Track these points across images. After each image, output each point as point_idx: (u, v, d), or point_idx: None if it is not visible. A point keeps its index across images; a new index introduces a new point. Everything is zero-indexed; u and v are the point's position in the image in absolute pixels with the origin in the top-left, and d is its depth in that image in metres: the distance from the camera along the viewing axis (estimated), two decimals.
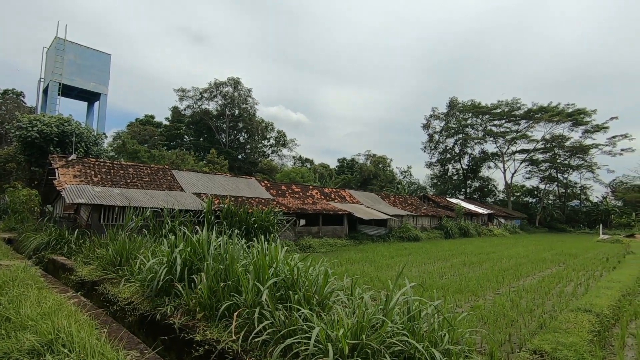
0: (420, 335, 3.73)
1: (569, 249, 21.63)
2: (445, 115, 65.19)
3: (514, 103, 57.18)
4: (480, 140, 63.24)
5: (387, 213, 26.93)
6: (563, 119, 54.25)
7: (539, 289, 9.53)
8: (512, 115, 58.03)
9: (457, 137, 64.27)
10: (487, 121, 61.73)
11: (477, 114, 61.49)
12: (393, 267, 12.96)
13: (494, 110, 58.96)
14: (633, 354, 5.33)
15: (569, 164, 58.61)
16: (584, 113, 53.39)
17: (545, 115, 54.61)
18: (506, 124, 59.97)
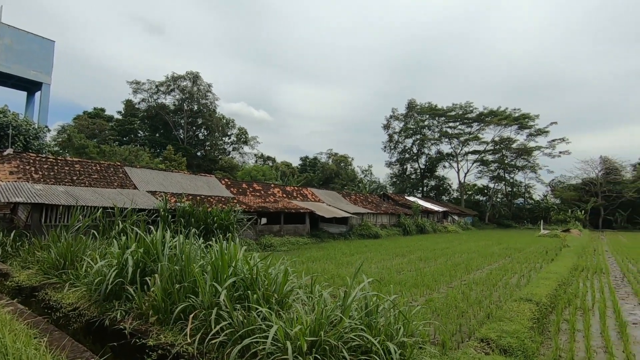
0: (378, 330, 3.85)
1: (514, 244, 23.30)
2: (404, 116, 67.47)
3: (467, 106, 60.59)
4: (437, 141, 66.33)
5: (348, 211, 27.38)
6: (510, 123, 58.48)
7: (487, 281, 10.17)
8: (465, 118, 61.44)
9: (415, 137, 66.79)
10: (443, 123, 64.80)
11: (434, 115, 64.36)
12: (353, 264, 13.20)
13: (449, 112, 62.09)
14: (566, 337, 5.86)
15: (515, 164, 63.21)
16: (528, 118, 57.79)
17: (494, 119, 58.47)
18: (460, 126, 63.38)
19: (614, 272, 13.06)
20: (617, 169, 62.19)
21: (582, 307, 7.60)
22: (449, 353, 4.65)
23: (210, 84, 56.12)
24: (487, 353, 4.62)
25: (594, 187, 61.00)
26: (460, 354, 4.42)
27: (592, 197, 60.11)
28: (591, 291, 9.33)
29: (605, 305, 7.84)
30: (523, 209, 66.53)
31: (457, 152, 65.06)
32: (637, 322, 6.91)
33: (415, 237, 29.03)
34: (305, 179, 58.87)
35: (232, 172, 51.06)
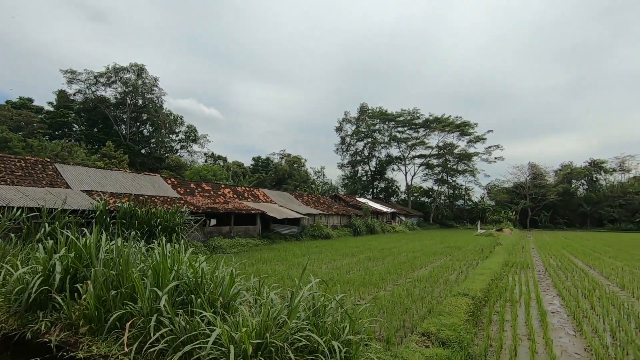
0: (325, 329, 3.90)
1: (455, 243, 24.91)
2: (356, 119, 69.26)
3: (415, 113, 63.86)
4: (386, 145, 69.00)
5: (300, 212, 27.43)
6: (453, 130, 62.66)
7: (430, 278, 10.75)
8: (413, 124, 64.73)
9: (366, 140, 68.83)
10: (393, 127, 67.63)
11: (384, 120, 66.90)
12: (304, 264, 13.24)
13: (398, 118, 65.00)
14: (497, 328, 6.38)
15: (457, 168, 67.74)
16: (469, 125, 62.32)
17: (439, 125, 62.27)
18: (408, 131, 66.62)
19: (538, 266, 14.49)
20: (542, 174, 69.42)
21: (511, 300, 8.33)
22: (392, 348, 4.84)
23: (157, 77, 53.18)
24: (428, 346, 4.88)
25: (523, 190, 67.39)
26: (402, 349, 4.62)
27: (522, 199, 66.37)
28: (519, 285, 10.25)
29: (530, 297, 8.67)
30: (463, 210, 71.46)
31: (405, 155, 68.26)
32: (555, 311, 7.73)
33: (365, 238, 29.85)
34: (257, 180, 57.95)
35: (179, 172, 48.73)
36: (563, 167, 70.62)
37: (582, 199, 66.25)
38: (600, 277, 11.92)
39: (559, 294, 9.21)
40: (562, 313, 7.53)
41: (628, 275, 12.12)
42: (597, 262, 15.59)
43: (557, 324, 6.78)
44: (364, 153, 70.45)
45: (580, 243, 27.73)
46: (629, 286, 10.10)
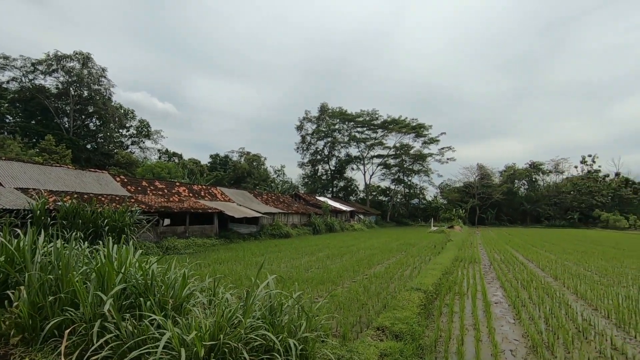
0: (281, 327, 3.88)
1: (410, 240, 25.91)
2: (317, 119, 69.63)
3: (373, 113, 65.51)
4: (346, 144, 70.13)
5: (259, 211, 27.06)
6: (409, 131, 65.15)
7: (386, 274, 11.09)
8: (371, 124, 66.36)
9: (326, 140, 69.45)
10: (352, 127, 68.86)
11: (344, 120, 67.91)
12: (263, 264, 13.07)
13: (358, 118, 66.31)
14: (446, 319, 6.74)
15: (412, 168, 70.57)
16: (424, 127, 65.13)
17: (396, 127, 64.41)
18: (367, 131, 68.21)
19: (484, 261, 15.50)
20: (489, 175, 74.29)
21: (460, 293, 8.83)
22: (348, 344, 4.94)
23: (105, 68, 49.70)
24: (382, 340, 5.04)
25: (472, 190, 71.65)
26: (358, 344, 4.73)
27: (471, 198, 70.55)
28: (467, 278, 10.89)
29: (476, 289, 9.25)
30: (418, 208, 74.57)
31: (364, 155, 69.83)
32: (498, 301, 8.31)
33: (324, 236, 30.13)
34: (215, 178, 56.31)
35: (130, 169, 46.00)
36: (507, 168, 76.10)
37: (523, 198, 71.87)
38: (537, 269, 13.00)
39: (502, 286, 9.92)
40: (504, 303, 8.12)
41: (560, 267, 13.34)
42: (535, 255, 17.00)
43: (500, 313, 7.30)
44: (324, 152, 71.06)
45: (521, 238, 30.07)
46: (561, 277, 11.12)
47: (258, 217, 26.43)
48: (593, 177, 69.40)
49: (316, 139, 69.95)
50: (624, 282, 10.44)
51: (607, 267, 13.21)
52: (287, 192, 60.11)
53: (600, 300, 8.13)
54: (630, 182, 67.32)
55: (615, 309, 7.25)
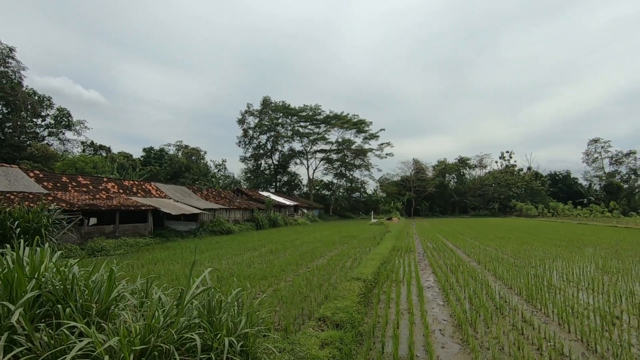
0: (220, 325, 3.77)
1: (351, 232, 26.76)
2: (259, 112, 68.32)
3: (316, 108, 66.12)
4: (289, 139, 69.91)
5: (199, 207, 25.92)
6: (350, 127, 66.97)
7: (328, 266, 11.35)
8: (314, 119, 66.96)
9: (269, 134, 68.54)
10: (295, 122, 68.82)
11: (287, 114, 67.60)
12: (203, 262, 12.59)
13: (301, 113, 66.46)
14: (384, 305, 7.10)
15: (354, 163, 72.75)
16: (364, 123, 67.45)
17: (338, 122, 65.79)
18: (310, 126, 68.69)
19: (418, 249, 16.59)
20: (423, 169, 79.47)
21: (396, 280, 9.36)
22: (290, 336, 4.97)
23: (13, 47, 43.38)
24: (323, 330, 5.15)
25: (408, 183, 76.10)
26: (300, 335, 4.78)
27: (407, 191, 74.90)
28: (403, 266, 11.57)
29: (411, 276, 9.87)
30: (359, 201, 77.21)
31: (307, 150, 70.24)
32: (430, 286, 8.96)
33: (267, 231, 29.85)
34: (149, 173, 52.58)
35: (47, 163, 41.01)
36: (439, 163, 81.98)
37: (453, 191, 78.17)
38: (464, 255, 14.26)
39: (434, 272, 10.71)
40: (435, 287, 8.78)
41: (482, 252, 14.78)
42: (462, 243, 18.61)
43: (431, 297, 7.89)
44: (267, 146, 70.07)
45: (451, 228, 32.72)
46: (483, 261, 12.33)
47: (197, 214, 25.31)
48: (510, 171, 77.76)
49: (259, 133, 68.71)
50: (533, 263, 11.90)
51: (520, 251, 14.94)
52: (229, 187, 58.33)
53: (514, 280, 9.17)
54: (539, 176, 76.76)
55: (526, 286, 8.24)
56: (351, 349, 4.72)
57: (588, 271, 10.39)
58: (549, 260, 12.32)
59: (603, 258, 12.68)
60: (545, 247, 16.00)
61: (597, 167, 76.91)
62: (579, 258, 12.85)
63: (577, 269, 10.74)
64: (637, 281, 8.93)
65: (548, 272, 10.32)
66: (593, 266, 11.15)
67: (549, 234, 23.41)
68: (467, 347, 5.03)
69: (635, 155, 72.57)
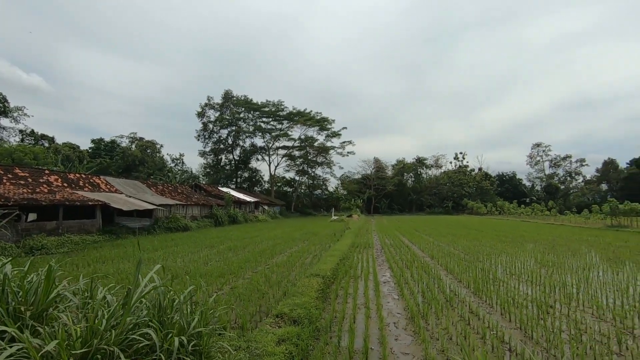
0: (172, 325, 3.63)
1: (312, 229, 26.90)
2: (220, 106, 66.39)
3: (279, 104, 65.46)
4: (251, 134, 68.66)
5: (154, 203, 24.72)
6: (313, 124, 67.13)
7: (287, 263, 11.32)
8: (277, 115, 66.23)
9: (230, 128, 66.86)
10: (258, 117, 67.66)
11: (249, 109, 66.29)
12: (156, 260, 12.04)
13: (264, 108, 65.42)
14: (341, 301, 7.22)
15: (316, 160, 73.06)
16: (327, 121, 67.92)
17: (301, 119, 65.64)
18: (272, 122, 67.83)
19: (376, 245, 17.04)
20: (383, 168, 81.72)
21: (354, 276, 9.55)
22: (246, 334, 4.91)
23: None
24: (280, 326, 5.13)
25: (369, 181, 77.89)
26: (256, 332, 4.73)
27: (368, 189, 76.62)
28: (361, 262, 11.83)
29: (369, 272, 10.12)
30: (321, 198, 77.78)
31: (269, 146, 69.42)
32: (386, 281, 9.25)
33: (227, 228, 29.18)
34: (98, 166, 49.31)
35: None
36: (398, 162, 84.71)
37: (411, 189, 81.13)
38: (418, 251, 14.86)
39: (390, 267, 11.06)
40: (391, 282, 9.07)
41: (436, 248, 15.50)
42: (418, 239, 19.39)
43: (387, 291, 8.14)
44: (227, 141, 68.29)
45: (408, 225, 33.98)
46: (436, 256, 12.93)
47: (152, 210, 24.14)
48: (463, 171, 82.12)
49: (219, 127, 66.74)
50: (481, 258, 12.68)
51: (470, 246, 15.86)
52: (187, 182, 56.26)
53: (464, 274, 9.71)
54: (489, 176, 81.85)
55: (474, 280, 8.76)
56: (308, 345, 4.75)
57: (528, 265, 11.26)
58: (495, 255, 13.19)
59: (541, 253, 13.81)
60: (492, 243, 17.11)
61: (539, 170, 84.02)
62: (520, 253, 13.89)
63: (519, 263, 11.60)
64: (569, 273, 9.83)
65: (494, 266, 11.06)
66: (533, 260, 12.10)
67: (495, 231, 25.07)
68: (418, 338, 5.26)
69: (571, 159, 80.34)
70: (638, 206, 29.01)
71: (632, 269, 10.49)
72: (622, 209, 29.92)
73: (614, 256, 12.86)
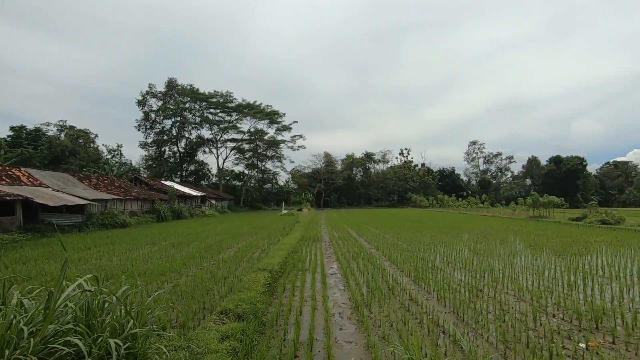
0: (102, 328, 3.38)
1: (262, 223, 26.59)
2: (163, 95, 62.49)
3: (228, 95, 63.32)
4: (198, 126, 65.64)
5: (86, 197, 22.71)
6: (263, 117, 65.98)
7: (235, 258, 11.08)
8: (226, 107, 64.02)
9: (175, 119, 63.36)
10: (205, 108, 64.83)
11: (196, 99, 63.27)
12: (88, 260, 11.12)
13: (211, 99, 62.84)
14: (289, 294, 7.23)
15: (266, 154, 72.06)
16: (278, 114, 67.15)
17: (251, 112, 64.17)
18: (221, 113, 65.46)
19: (325, 238, 17.32)
20: (333, 162, 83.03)
21: (302, 269, 9.62)
22: (188, 333, 4.72)
23: None
24: (225, 323, 5.01)
25: (319, 175, 78.62)
26: (199, 331, 4.57)
27: (318, 183, 77.37)
28: (309, 255, 11.95)
29: (316, 264, 10.26)
30: (271, 192, 77.07)
31: (217, 138, 67.03)
32: (333, 273, 9.45)
33: (170, 223, 27.76)
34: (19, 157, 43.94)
35: None
36: (347, 157, 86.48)
37: (359, 183, 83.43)
38: (365, 243, 15.38)
39: (337, 259, 11.31)
40: (338, 274, 9.29)
41: (382, 240, 16.15)
42: (365, 231, 20.05)
43: (334, 283, 8.32)
44: (172, 132, 64.63)
45: (356, 218, 34.97)
46: (381, 247, 13.48)
47: (84, 205, 22.16)
48: (408, 167, 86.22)
49: (162, 117, 62.83)
50: (422, 248, 13.47)
51: (412, 237, 16.76)
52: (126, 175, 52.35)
53: (406, 264, 10.24)
54: (431, 171, 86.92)
55: (415, 269, 9.28)
56: (253, 339, 4.70)
57: (463, 254, 12.19)
58: (434, 245, 14.08)
59: (474, 242, 15.02)
60: (433, 234, 18.24)
61: (475, 165, 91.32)
62: (457, 243, 14.98)
63: (455, 252, 12.51)
64: (497, 260, 10.81)
65: (433, 255, 11.80)
66: (467, 249, 13.12)
67: (436, 223, 26.76)
68: (362, 326, 5.45)
69: (501, 156, 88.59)
70: (555, 199, 32.72)
71: (548, 254, 11.82)
72: (541, 201, 33.51)
73: (534, 243, 14.39)
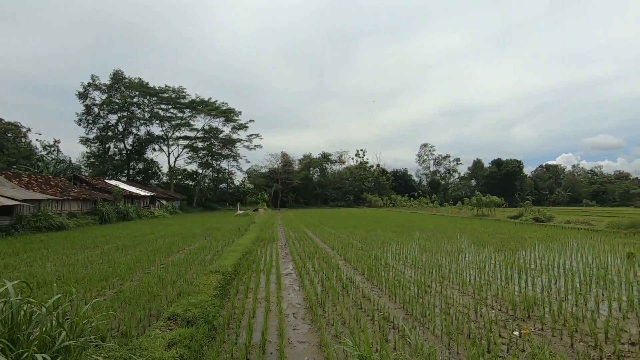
0: (29, 342, 3.06)
1: (216, 224, 25.77)
2: (108, 87, 58.11)
3: (180, 91, 60.55)
4: (147, 122, 61.83)
5: (15, 198, 20.50)
6: (218, 115, 63.94)
7: (185, 261, 10.62)
8: (178, 103, 61.11)
9: (121, 114, 59.21)
10: (155, 103, 61.37)
11: (145, 94, 59.69)
12: (17, 266, 10.04)
13: (162, 94, 59.67)
14: (242, 296, 7.07)
15: (221, 153, 69.91)
16: (233, 112, 65.45)
17: (205, 109, 61.87)
18: (172, 109, 62.31)
19: (281, 239, 17.20)
20: (291, 162, 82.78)
21: (257, 270, 9.46)
22: (131, 342, 4.43)
23: None
24: (172, 329, 4.77)
25: (276, 175, 77.93)
26: (143, 339, 4.30)
27: (275, 183, 76.66)
28: (264, 256, 11.80)
29: (272, 265, 10.15)
30: (226, 192, 74.92)
31: (168, 135, 63.78)
32: (288, 273, 9.40)
33: (115, 225, 25.96)
34: None
35: None
36: (305, 157, 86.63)
37: (316, 183, 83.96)
38: (321, 243, 15.50)
39: (293, 260, 11.28)
40: (293, 274, 9.26)
41: (337, 239, 16.38)
42: (321, 231, 20.21)
43: (289, 283, 8.28)
44: (117, 128, 60.34)
45: (313, 218, 35.13)
46: (336, 247, 13.67)
47: (13, 206, 20.00)
48: (363, 167, 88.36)
49: (107, 111, 58.34)
50: (375, 247, 13.86)
51: (367, 237, 17.18)
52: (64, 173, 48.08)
53: (360, 262, 10.47)
54: (385, 172, 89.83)
55: (368, 267, 9.51)
56: (202, 345, 4.53)
57: (413, 251, 12.73)
58: (387, 244, 14.56)
59: (424, 240, 15.75)
60: (386, 233, 18.84)
61: (425, 167, 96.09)
62: (408, 241, 15.61)
63: (406, 249, 13.03)
64: (444, 256, 11.42)
65: (385, 253, 12.19)
66: (417, 247, 13.71)
67: (389, 222, 27.69)
68: (315, 326, 5.48)
69: (450, 158, 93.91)
70: (496, 199, 35.34)
71: (489, 250, 12.72)
72: (484, 201, 36.03)
73: (478, 240, 15.41)
